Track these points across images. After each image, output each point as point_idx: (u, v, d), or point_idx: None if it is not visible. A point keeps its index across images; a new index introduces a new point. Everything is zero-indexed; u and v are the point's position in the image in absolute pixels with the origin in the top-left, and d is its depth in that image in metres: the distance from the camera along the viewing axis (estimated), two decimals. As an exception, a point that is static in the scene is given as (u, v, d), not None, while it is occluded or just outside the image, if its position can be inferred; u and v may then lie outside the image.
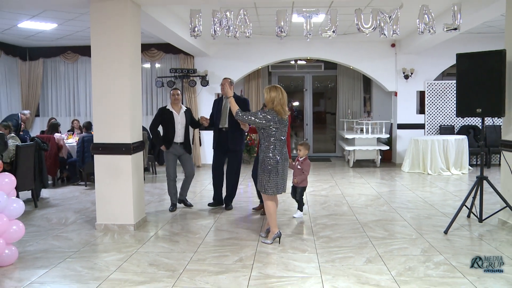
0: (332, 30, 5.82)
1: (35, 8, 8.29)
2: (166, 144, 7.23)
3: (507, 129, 6.18)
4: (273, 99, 5.45)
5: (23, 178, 7.35)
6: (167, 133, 7.26)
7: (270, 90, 5.51)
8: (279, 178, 5.51)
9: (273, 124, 5.42)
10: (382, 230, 6.14)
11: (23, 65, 13.06)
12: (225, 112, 7.27)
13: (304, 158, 6.82)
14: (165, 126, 7.28)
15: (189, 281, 4.38)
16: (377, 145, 12.35)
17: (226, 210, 7.40)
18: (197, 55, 12.52)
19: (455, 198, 8.06)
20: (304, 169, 6.77)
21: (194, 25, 5.83)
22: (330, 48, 12.26)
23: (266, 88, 5.59)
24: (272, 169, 5.46)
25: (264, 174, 5.50)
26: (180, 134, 7.25)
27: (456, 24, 5.75)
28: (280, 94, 5.47)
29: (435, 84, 12.47)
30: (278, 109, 5.44)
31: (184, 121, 7.30)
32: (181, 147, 7.31)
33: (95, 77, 6.25)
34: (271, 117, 5.40)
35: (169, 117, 7.21)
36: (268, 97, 5.48)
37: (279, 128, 5.47)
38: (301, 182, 6.78)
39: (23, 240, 5.51)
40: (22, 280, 4.47)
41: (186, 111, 7.37)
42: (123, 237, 5.89)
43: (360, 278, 4.41)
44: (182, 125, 7.27)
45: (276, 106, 5.44)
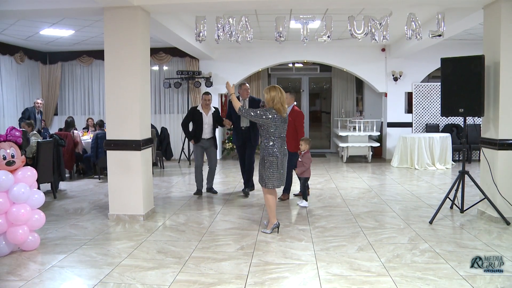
0: (327, 35, 5.81)
1: (56, 17, 8.32)
2: (195, 140, 7.73)
3: (486, 128, 6.19)
4: (273, 98, 5.40)
5: (43, 171, 7.37)
6: (196, 130, 7.76)
7: (269, 90, 5.46)
8: (278, 173, 5.47)
9: (272, 122, 5.36)
10: (373, 220, 6.14)
11: (44, 68, 13.07)
12: None
13: (305, 152, 6.95)
14: (195, 124, 7.78)
15: (194, 267, 4.39)
16: (368, 142, 12.33)
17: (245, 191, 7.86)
18: (202, 58, 12.50)
19: (440, 191, 8.06)
20: (304, 161, 6.90)
21: (199, 31, 5.82)
22: (325, 52, 12.23)
23: (266, 88, 5.53)
24: (271, 165, 5.42)
25: (265, 170, 5.46)
26: (207, 132, 7.75)
27: (441, 31, 5.75)
28: (279, 93, 5.41)
29: (421, 86, 12.45)
30: (278, 107, 5.38)
31: (211, 121, 7.78)
32: (208, 142, 7.77)
33: (108, 79, 6.25)
34: (271, 116, 5.35)
35: (198, 117, 7.70)
36: (268, 97, 5.43)
37: (278, 126, 5.41)
38: (301, 173, 6.93)
39: (44, 228, 5.54)
40: (44, 264, 4.52)
41: (213, 113, 7.83)
42: (134, 227, 5.90)
43: (352, 265, 4.41)
44: (209, 125, 7.76)
45: (276, 105, 5.38)
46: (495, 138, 5.92)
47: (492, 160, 5.96)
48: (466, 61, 6.03)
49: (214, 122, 7.82)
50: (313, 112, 15.57)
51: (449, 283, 3.92)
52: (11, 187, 4.75)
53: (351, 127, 12.70)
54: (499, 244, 4.97)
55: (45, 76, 13.08)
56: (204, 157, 7.92)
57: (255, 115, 5.40)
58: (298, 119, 7.19)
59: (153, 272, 4.26)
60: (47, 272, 4.28)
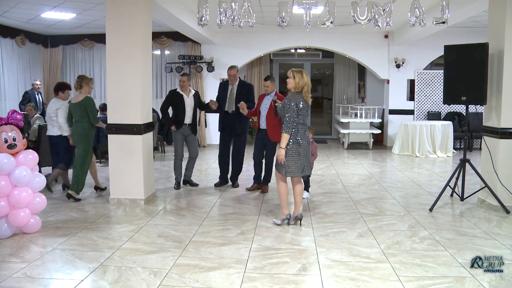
0: (330, 21, 5.76)
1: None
2: (177, 125, 7.14)
3: (488, 116, 6.17)
4: (304, 85, 5.14)
5: (45, 155, 7.37)
6: (177, 114, 7.16)
7: (302, 75, 5.16)
8: (301, 161, 5.13)
9: (300, 111, 5.10)
10: (373, 207, 6.16)
11: (45, 52, 13.00)
12: (231, 97, 7.20)
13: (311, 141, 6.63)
14: (175, 108, 7.17)
15: (195, 251, 4.41)
16: (370, 129, 12.31)
17: (233, 187, 7.39)
18: (204, 42, 12.43)
19: (440, 179, 8.06)
20: (313, 151, 6.54)
21: (202, 15, 5.77)
22: (328, 38, 12.14)
23: (296, 72, 5.17)
24: (294, 152, 5.09)
25: (286, 157, 5.08)
26: (189, 116, 7.16)
27: (445, 18, 5.70)
28: (308, 80, 5.18)
29: (424, 73, 12.38)
30: (306, 95, 5.17)
31: (193, 103, 7.20)
32: (189, 128, 7.21)
33: (109, 63, 6.22)
34: (302, 106, 5.09)
35: (180, 100, 7.10)
36: (301, 83, 5.13)
37: (304, 114, 5.16)
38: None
39: (45, 211, 5.56)
40: (46, 246, 4.55)
41: (194, 94, 7.29)
42: (134, 211, 5.92)
43: (352, 251, 4.43)
44: (191, 107, 7.17)
45: (305, 93, 5.15)
46: (497, 127, 5.90)
47: (494, 148, 5.95)
48: (470, 48, 5.98)
49: (196, 105, 7.26)
50: (314, 98, 15.46)
51: (448, 270, 3.94)
52: (13, 170, 4.76)
53: (353, 113, 12.67)
54: (498, 233, 4.99)
55: (46, 59, 13.02)
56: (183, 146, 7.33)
57: (293, 119, 5.06)
58: None
59: (153, 256, 4.29)
60: (49, 255, 4.31)
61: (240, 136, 7.30)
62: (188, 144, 7.32)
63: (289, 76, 5.24)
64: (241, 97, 7.10)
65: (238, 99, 7.06)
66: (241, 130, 7.25)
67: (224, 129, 7.33)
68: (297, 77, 5.14)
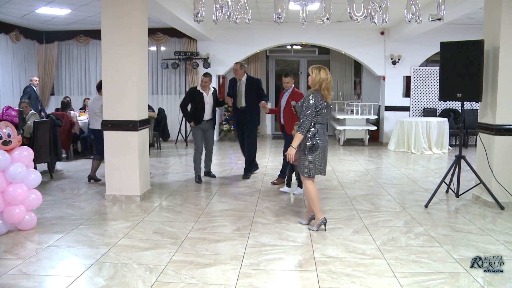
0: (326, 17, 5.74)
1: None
2: (195, 121, 7.42)
3: (483, 113, 6.19)
4: (321, 81, 4.84)
5: (40, 151, 7.35)
6: (197, 111, 7.42)
7: (319, 70, 4.87)
8: (319, 159, 4.94)
9: (319, 110, 4.84)
10: (369, 203, 6.18)
11: (40, 48, 12.94)
12: (240, 93, 7.57)
13: None
14: (195, 105, 7.44)
15: (190, 248, 4.41)
16: (365, 125, 12.33)
17: (243, 178, 7.71)
18: (199, 39, 12.41)
19: (436, 175, 8.09)
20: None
21: (198, 11, 5.74)
22: (324, 34, 12.14)
23: (314, 68, 4.92)
24: (313, 152, 4.90)
25: (306, 157, 4.92)
26: (208, 113, 7.46)
27: (441, 15, 5.68)
28: (328, 77, 4.87)
29: (420, 70, 12.41)
30: (325, 93, 4.86)
31: (211, 101, 7.51)
32: (208, 123, 7.52)
33: (105, 59, 6.20)
34: (321, 105, 4.82)
35: (200, 98, 7.37)
36: (316, 78, 4.85)
37: (324, 113, 4.90)
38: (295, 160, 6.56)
39: (41, 208, 5.54)
40: (41, 243, 4.53)
41: (213, 92, 7.56)
42: (130, 207, 5.92)
43: (347, 247, 4.45)
44: (210, 105, 7.48)
45: (323, 90, 4.85)
46: (492, 124, 5.93)
47: (489, 145, 5.97)
48: (466, 45, 6.00)
49: (214, 102, 7.59)
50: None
51: (443, 266, 3.96)
52: (8, 166, 4.74)
53: (349, 110, 12.69)
54: (493, 229, 5.02)
55: (41, 55, 12.96)
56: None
57: (309, 118, 4.81)
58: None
59: (149, 252, 4.29)
60: (44, 251, 4.30)
61: (250, 131, 7.67)
62: (205, 139, 7.60)
63: (308, 73, 5.03)
64: (250, 93, 7.50)
65: (247, 95, 7.49)
66: (251, 124, 7.62)
67: (238, 124, 7.84)
68: (314, 72, 4.89)
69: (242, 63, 7.77)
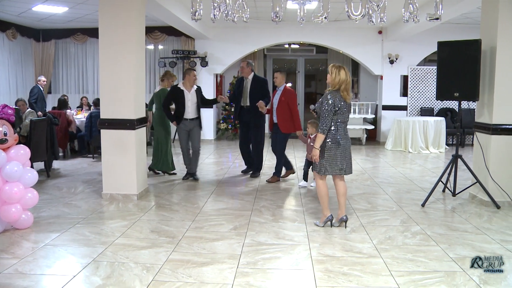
0: (324, 16, 5.74)
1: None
2: (177, 120, 7.29)
3: (480, 112, 6.20)
4: (341, 83, 4.80)
5: (37, 150, 7.33)
6: (178, 110, 7.31)
7: (339, 70, 4.81)
8: (339, 161, 4.91)
9: (338, 110, 4.81)
10: (366, 202, 6.19)
11: (37, 46, 12.92)
12: (245, 92, 7.53)
13: (315, 135, 6.35)
14: (177, 104, 7.32)
15: (187, 247, 4.41)
16: (363, 124, 12.34)
17: (250, 177, 7.73)
18: (197, 37, 12.40)
19: (432, 174, 8.11)
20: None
21: (195, 10, 5.73)
22: (321, 33, 12.14)
23: (334, 67, 4.86)
24: (332, 151, 4.87)
25: (324, 155, 4.87)
26: (190, 111, 7.29)
27: (438, 14, 5.69)
28: (348, 78, 4.82)
29: (417, 69, 12.43)
30: (344, 94, 4.84)
31: (195, 99, 7.33)
32: (192, 122, 7.35)
33: (102, 57, 6.18)
34: (340, 104, 4.79)
35: (180, 96, 7.22)
36: (336, 80, 4.81)
37: (344, 112, 4.87)
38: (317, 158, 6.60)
39: (37, 207, 5.51)
40: (37, 242, 4.52)
41: (197, 90, 7.41)
42: (127, 206, 5.91)
43: (344, 246, 4.45)
44: (192, 103, 7.30)
45: (342, 91, 4.83)
46: (489, 123, 5.94)
47: (485, 144, 5.98)
48: (463, 45, 6.01)
49: (198, 100, 7.37)
50: (308, 94, 15.52)
51: (439, 265, 3.97)
52: (4, 165, 4.72)
53: (346, 109, 12.67)
54: (489, 227, 5.03)
55: (38, 53, 12.94)
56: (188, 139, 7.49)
57: (326, 117, 4.78)
58: (291, 99, 7.14)
59: (146, 251, 4.28)
60: (40, 250, 4.29)
61: (257, 129, 7.60)
62: (191, 138, 7.48)
63: (328, 71, 4.97)
64: (255, 92, 7.44)
65: (252, 94, 7.43)
66: (257, 124, 7.54)
67: (241, 122, 7.79)
68: (333, 72, 4.83)
69: (249, 61, 7.78)
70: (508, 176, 5.88)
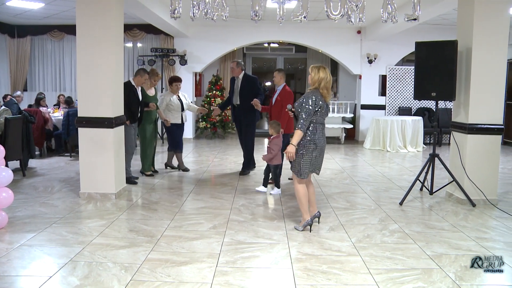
0: (303, 15, 5.75)
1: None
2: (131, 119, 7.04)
3: (457, 112, 6.31)
4: (320, 80, 4.79)
5: (12, 148, 7.19)
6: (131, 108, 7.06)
7: (318, 70, 4.83)
8: (315, 158, 4.90)
9: (319, 109, 4.79)
10: (345, 201, 6.23)
11: (12, 42, 12.65)
12: (237, 90, 7.67)
13: (274, 137, 6.40)
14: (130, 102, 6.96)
15: (166, 246, 4.38)
16: (342, 123, 12.45)
17: (240, 175, 7.79)
18: (176, 35, 12.32)
19: (410, 173, 8.22)
20: (272, 147, 6.38)
21: (174, 7, 5.68)
22: (301, 33, 12.20)
23: (314, 67, 4.89)
24: (309, 152, 4.83)
25: (302, 157, 4.82)
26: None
27: (416, 15, 5.75)
28: (328, 76, 4.82)
29: (395, 69, 12.58)
30: (324, 92, 4.82)
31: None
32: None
33: (79, 55, 6.09)
34: (321, 103, 4.77)
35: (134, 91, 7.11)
36: (316, 78, 4.80)
37: (323, 112, 4.86)
38: (269, 160, 6.42)
39: (12, 207, 5.41)
40: (12, 243, 4.42)
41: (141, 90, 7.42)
42: (105, 205, 5.84)
43: (323, 245, 4.48)
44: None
45: (322, 89, 4.80)
46: (465, 122, 6.04)
47: (462, 143, 6.09)
48: (440, 45, 6.10)
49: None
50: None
51: (417, 262, 4.03)
52: (-22, 164, 4.63)
53: (325, 108, 12.75)
54: (465, 225, 5.13)
55: (13, 50, 12.67)
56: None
57: (309, 115, 4.74)
58: (285, 100, 6.77)
59: (124, 250, 4.24)
60: (15, 251, 4.20)
61: (247, 128, 7.73)
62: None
63: (309, 71, 5.01)
64: (245, 91, 7.55)
65: (242, 93, 7.56)
66: (247, 122, 7.69)
67: (235, 121, 7.97)
68: (313, 72, 4.86)
69: (239, 61, 7.87)
70: (484, 175, 6.00)
